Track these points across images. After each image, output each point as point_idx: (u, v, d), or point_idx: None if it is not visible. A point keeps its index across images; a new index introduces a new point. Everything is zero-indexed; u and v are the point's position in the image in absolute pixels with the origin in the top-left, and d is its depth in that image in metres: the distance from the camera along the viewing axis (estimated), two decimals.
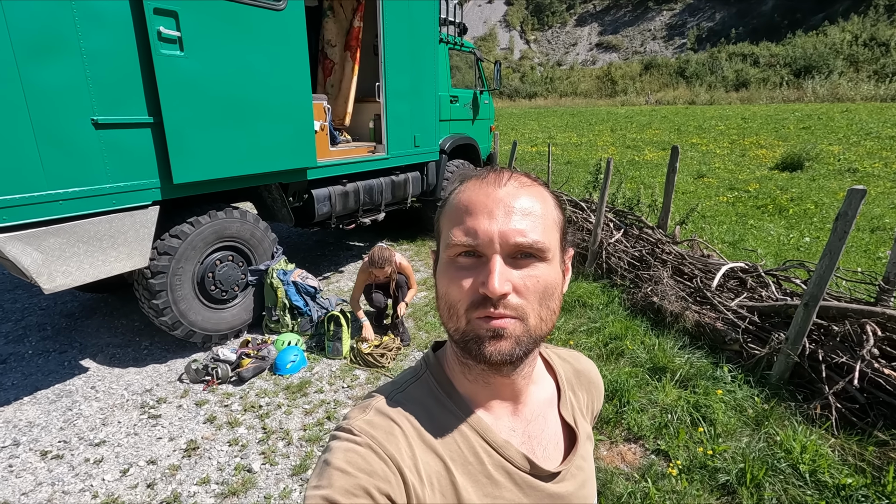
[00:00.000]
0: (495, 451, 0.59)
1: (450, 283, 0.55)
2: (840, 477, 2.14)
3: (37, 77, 2.31)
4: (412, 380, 0.65)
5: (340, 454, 0.53)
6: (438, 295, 0.58)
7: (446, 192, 0.60)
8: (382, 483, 0.51)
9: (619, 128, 18.59)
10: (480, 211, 0.54)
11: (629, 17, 58.64)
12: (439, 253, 0.60)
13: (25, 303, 4.31)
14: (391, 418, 0.58)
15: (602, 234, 4.74)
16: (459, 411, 0.61)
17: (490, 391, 0.62)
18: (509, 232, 0.52)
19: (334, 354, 3.50)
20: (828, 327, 2.81)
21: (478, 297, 0.53)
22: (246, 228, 3.57)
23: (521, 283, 0.53)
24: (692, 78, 36.27)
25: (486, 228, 0.53)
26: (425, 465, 0.56)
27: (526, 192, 0.56)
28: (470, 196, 0.56)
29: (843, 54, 30.89)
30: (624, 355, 3.26)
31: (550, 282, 0.55)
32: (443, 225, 0.59)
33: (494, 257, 0.52)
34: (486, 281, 0.51)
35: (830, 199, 7.29)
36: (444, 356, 0.66)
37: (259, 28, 3.19)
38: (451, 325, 0.56)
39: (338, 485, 0.50)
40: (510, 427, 0.62)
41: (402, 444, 0.56)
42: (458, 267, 0.55)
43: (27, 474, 2.38)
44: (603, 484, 2.27)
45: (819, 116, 16.60)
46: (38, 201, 2.41)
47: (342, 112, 5.24)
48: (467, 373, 0.61)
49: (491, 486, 0.58)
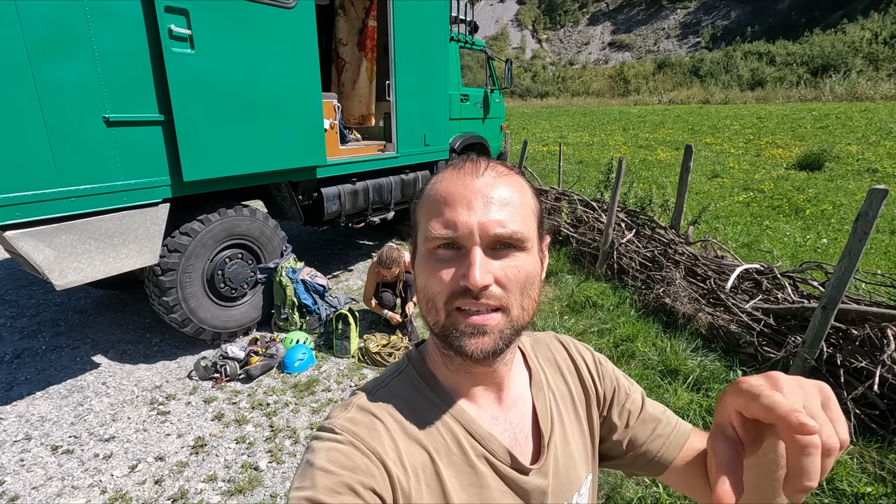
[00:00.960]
0: (478, 442, 0.59)
1: (429, 275, 0.55)
2: (859, 486, 2.08)
3: (49, 75, 2.33)
4: (394, 375, 0.65)
5: (322, 454, 0.53)
6: (418, 287, 0.57)
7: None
8: (366, 478, 0.51)
9: (631, 127, 18.41)
10: (459, 202, 0.53)
11: (643, 16, 58.14)
12: (417, 245, 0.59)
13: (40, 299, 4.37)
14: (373, 413, 0.58)
15: (613, 234, 4.68)
16: (443, 403, 0.61)
17: (472, 380, 0.62)
18: (489, 223, 0.52)
19: (342, 353, 3.49)
20: (847, 331, 2.74)
21: (458, 288, 0.52)
22: (255, 226, 3.57)
23: (501, 274, 0.53)
24: (706, 77, 35.84)
25: (465, 220, 0.52)
26: (410, 458, 0.56)
27: (504, 182, 0.55)
28: (447, 187, 0.55)
29: (863, 52, 30.30)
30: (635, 357, 3.21)
31: (530, 271, 0.55)
32: (420, 216, 0.58)
33: (474, 249, 0.52)
34: (468, 273, 0.51)
35: (849, 199, 7.13)
36: (426, 350, 0.66)
37: (269, 26, 3.19)
38: (431, 317, 0.56)
39: (321, 484, 0.49)
40: (492, 416, 0.63)
41: (385, 437, 0.56)
42: (437, 259, 0.54)
43: (38, 468, 2.40)
44: (613, 488, 2.23)
45: (837, 116, 16.27)
46: (50, 198, 2.43)
47: (358, 112, 5.24)
48: (449, 363, 0.61)
49: (473, 476, 0.58)
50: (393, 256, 3.58)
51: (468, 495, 0.57)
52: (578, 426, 0.70)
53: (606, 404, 0.73)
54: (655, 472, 0.72)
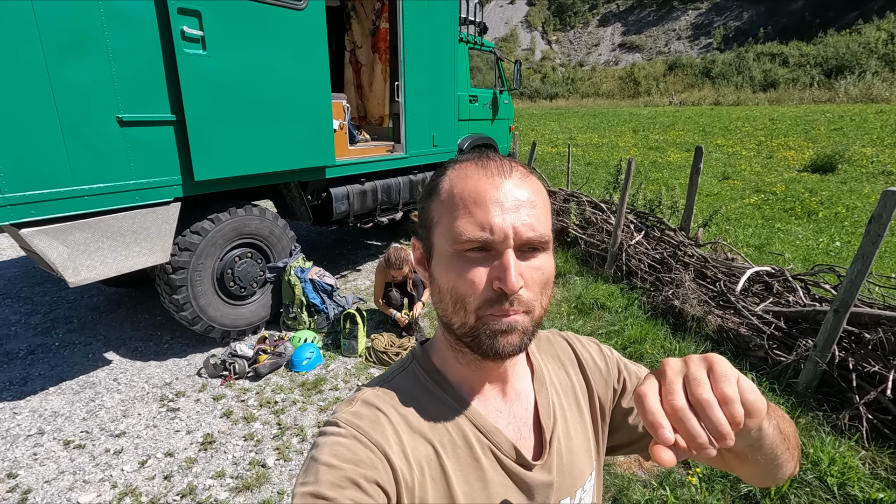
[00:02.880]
0: (484, 436, 0.60)
1: (458, 277, 0.54)
2: (871, 491, 2.05)
3: (64, 75, 2.37)
4: (399, 371, 0.65)
5: (326, 448, 0.53)
6: (441, 288, 0.56)
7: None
8: (369, 471, 0.51)
9: (641, 129, 18.29)
10: (491, 203, 0.52)
11: (653, 17, 57.78)
12: (434, 243, 0.57)
13: (54, 296, 4.44)
14: (377, 407, 0.58)
15: (622, 236, 4.65)
16: (448, 397, 0.61)
17: (481, 375, 0.62)
18: (522, 227, 0.52)
19: (350, 352, 3.51)
20: (859, 335, 2.70)
21: (492, 294, 0.52)
22: (265, 226, 3.60)
23: (528, 276, 0.53)
24: (718, 78, 35.53)
25: (500, 223, 0.51)
26: (414, 451, 0.56)
27: (528, 183, 0.55)
28: (476, 186, 0.54)
29: (878, 53, 29.88)
30: (643, 359, 3.19)
31: (550, 271, 0.56)
32: (440, 215, 0.56)
33: (508, 252, 0.52)
34: (503, 277, 0.51)
35: (863, 202, 7.03)
36: (431, 347, 0.67)
37: (280, 28, 3.22)
38: (458, 318, 0.55)
39: (324, 479, 0.50)
40: (497, 409, 0.63)
41: (389, 431, 0.56)
42: (466, 260, 0.53)
43: (50, 462, 2.44)
44: (620, 490, 2.22)
45: (851, 117, 16.05)
46: (64, 196, 2.47)
47: (377, 113, 5.27)
48: (460, 357, 0.61)
49: (479, 470, 0.58)
50: (401, 256, 3.60)
51: (473, 489, 0.57)
52: (581, 421, 0.70)
53: (617, 393, 0.73)
54: None
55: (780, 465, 0.58)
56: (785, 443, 0.57)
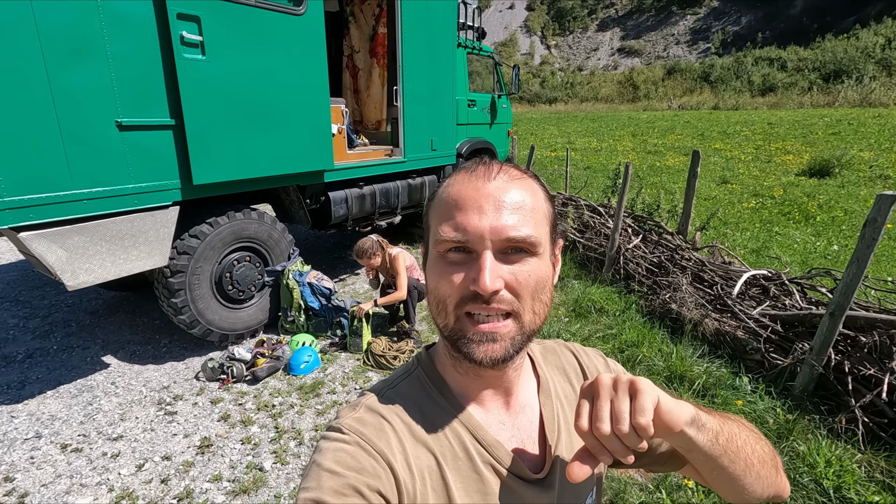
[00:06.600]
0: (485, 449, 0.59)
1: (440, 278, 0.54)
2: (867, 494, 2.05)
3: (64, 79, 2.39)
4: (403, 376, 0.65)
5: (329, 454, 0.53)
6: (429, 290, 0.58)
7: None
8: (372, 479, 0.51)
9: (640, 133, 18.34)
10: (470, 206, 0.53)
11: (652, 22, 58.02)
12: (429, 248, 0.59)
13: (52, 300, 4.44)
14: (381, 415, 0.58)
15: (620, 240, 4.66)
16: (451, 407, 0.60)
17: (482, 383, 0.62)
18: (500, 227, 0.52)
19: (355, 349, 3.58)
20: (855, 338, 2.71)
21: (468, 292, 0.52)
22: (263, 229, 3.61)
23: (512, 279, 0.52)
24: (717, 83, 35.64)
25: (475, 224, 0.52)
26: (416, 460, 0.56)
27: (516, 186, 0.55)
28: (459, 190, 0.55)
29: (876, 58, 29.99)
30: (641, 363, 3.20)
31: (542, 276, 0.54)
32: (431, 220, 0.58)
33: (485, 253, 0.52)
34: (477, 277, 0.51)
35: (860, 206, 7.05)
36: (435, 353, 0.66)
37: (279, 32, 3.24)
38: (441, 320, 0.56)
39: (327, 486, 0.50)
40: (500, 420, 0.62)
41: (393, 439, 0.56)
42: (447, 262, 0.54)
43: (47, 466, 2.44)
44: (616, 494, 2.22)
45: (850, 122, 16.09)
46: (63, 200, 2.48)
47: (374, 117, 5.29)
48: (458, 366, 0.61)
49: (479, 483, 0.58)
50: (363, 247, 3.63)
51: (473, 502, 0.57)
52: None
53: None
54: (675, 467, 0.71)
55: (738, 480, 0.57)
56: (743, 461, 0.56)
